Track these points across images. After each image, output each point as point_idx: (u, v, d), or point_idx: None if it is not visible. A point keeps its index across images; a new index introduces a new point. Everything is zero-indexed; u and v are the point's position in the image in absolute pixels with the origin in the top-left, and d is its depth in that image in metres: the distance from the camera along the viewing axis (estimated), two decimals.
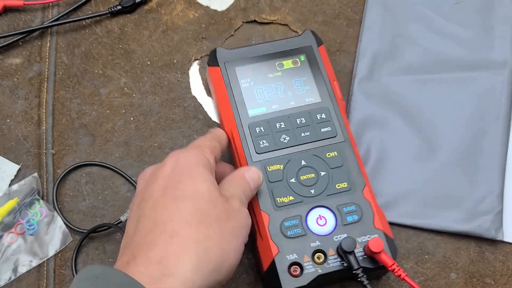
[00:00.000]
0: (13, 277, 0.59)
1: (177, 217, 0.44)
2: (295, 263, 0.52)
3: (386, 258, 0.51)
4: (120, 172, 0.63)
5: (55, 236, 0.61)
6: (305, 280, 0.52)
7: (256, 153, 0.57)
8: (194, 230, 0.44)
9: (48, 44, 0.69)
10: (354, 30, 0.69)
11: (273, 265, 0.52)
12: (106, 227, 0.60)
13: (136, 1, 0.69)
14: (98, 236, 0.61)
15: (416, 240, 0.60)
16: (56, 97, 0.66)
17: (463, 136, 0.63)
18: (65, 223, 0.61)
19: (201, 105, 0.66)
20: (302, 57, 0.61)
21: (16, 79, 0.67)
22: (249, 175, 0.52)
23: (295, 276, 0.52)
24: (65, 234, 0.61)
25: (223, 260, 0.45)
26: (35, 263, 0.60)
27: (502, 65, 0.65)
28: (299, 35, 0.63)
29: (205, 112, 0.66)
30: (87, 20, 0.70)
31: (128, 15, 0.70)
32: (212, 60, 0.61)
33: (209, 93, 0.67)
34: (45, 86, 0.67)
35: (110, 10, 0.69)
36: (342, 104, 0.60)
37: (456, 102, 0.65)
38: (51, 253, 0.60)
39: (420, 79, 0.66)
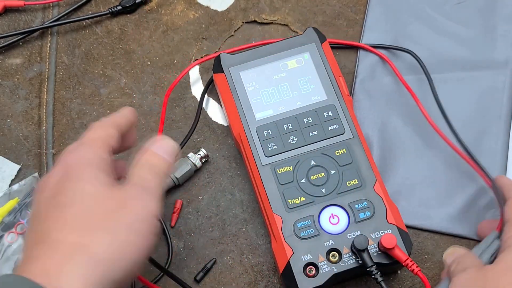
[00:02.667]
0: None
1: (61, 225, 0.40)
2: (310, 264, 0.53)
3: (399, 254, 0.51)
4: None
5: None
6: (321, 279, 0.52)
7: (265, 156, 0.57)
8: (78, 235, 0.39)
9: (49, 44, 0.69)
10: (354, 31, 0.69)
11: (288, 266, 0.53)
12: None
13: (136, 1, 0.69)
14: None
15: (416, 240, 0.60)
16: (56, 97, 0.67)
17: (464, 136, 0.63)
18: None
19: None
20: (306, 56, 0.61)
21: (16, 79, 0.67)
22: (156, 147, 0.46)
23: (311, 277, 0.52)
24: None
25: (119, 259, 0.40)
26: None
27: (504, 64, 0.65)
28: (302, 33, 0.63)
29: (205, 112, 0.66)
30: (87, 20, 0.70)
31: (128, 15, 0.70)
32: (216, 66, 0.61)
33: (209, 94, 0.67)
34: (46, 86, 0.67)
35: (110, 10, 0.69)
36: (349, 100, 0.60)
37: (457, 101, 0.65)
38: None
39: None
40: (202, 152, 0.62)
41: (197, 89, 0.67)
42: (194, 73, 0.68)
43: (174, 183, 0.62)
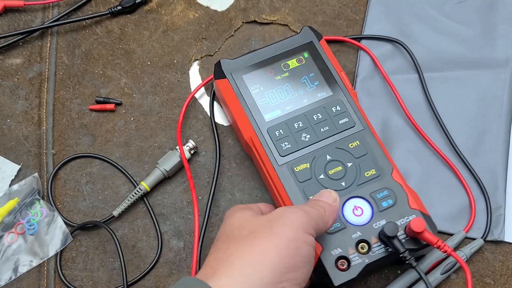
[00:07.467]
0: (13, 277, 0.59)
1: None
2: (341, 257, 0.53)
3: (429, 236, 0.51)
4: (118, 166, 0.63)
5: (56, 236, 0.61)
6: (354, 272, 0.52)
7: (280, 156, 0.57)
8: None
9: (49, 44, 0.69)
10: (354, 31, 0.69)
11: (320, 263, 0.52)
12: (92, 225, 0.61)
13: (136, 2, 0.70)
14: (99, 236, 0.61)
15: None
16: (56, 97, 0.67)
17: (465, 135, 0.63)
18: (62, 219, 0.61)
19: (201, 105, 0.66)
20: (306, 54, 0.61)
21: (16, 79, 0.67)
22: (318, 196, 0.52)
23: (344, 270, 0.52)
24: (65, 234, 0.61)
25: None
26: (35, 263, 0.60)
27: (505, 63, 0.66)
28: (298, 33, 0.63)
29: (205, 112, 0.66)
30: (87, 20, 0.70)
31: (128, 15, 0.70)
32: (218, 72, 0.61)
33: (209, 93, 0.67)
34: (46, 86, 0.67)
35: (110, 10, 0.69)
36: (354, 93, 0.60)
37: (458, 100, 0.65)
38: (52, 253, 0.60)
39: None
40: (191, 143, 0.63)
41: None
42: (194, 73, 0.68)
43: (164, 176, 0.62)
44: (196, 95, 0.66)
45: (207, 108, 0.66)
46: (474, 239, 0.59)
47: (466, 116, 0.64)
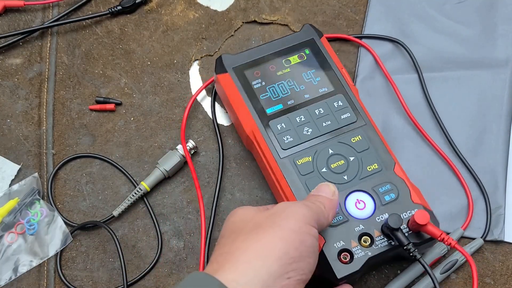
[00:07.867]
0: (13, 277, 0.59)
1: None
2: (343, 250, 0.53)
3: (433, 229, 0.51)
4: (118, 166, 0.63)
5: (56, 236, 0.61)
6: (357, 265, 0.52)
7: (282, 149, 0.57)
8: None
9: (49, 44, 0.69)
10: (354, 31, 0.69)
11: (322, 255, 0.52)
12: (92, 225, 0.61)
13: (136, 2, 0.70)
14: (99, 236, 0.61)
15: None
16: (56, 97, 0.67)
17: (465, 134, 0.63)
18: (62, 219, 0.61)
19: (201, 105, 0.66)
20: (307, 51, 0.62)
21: (16, 79, 0.67)
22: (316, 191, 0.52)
23: (346, 263, 0.52)
24: (65, 234, 0.61)
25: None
26: (35, 263, 0.60)
27: (505, 63, 0.66)
28: (299, 31, 0.63)
29: (205, 112, 0.66)
30: (87, 20, 0.70)
31: (128, 15, 0.70)
32: (219, 67, 0.61)
33: (209, 93, 0.67)
34: (46, 86, 0.67)
35: (110, 10, 0.69)
36: (355, 89, 0.61)
37: (458, 100, 0.65)
38: (52, 253, 0.60)
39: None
40: (191, 143, 0.63)
41: (197, 89, 0.67)
42: (194, 73, 0.68)
43: (164, 176, 0.62)
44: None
45: (207, 108, 0.66)
46: (474, 239, 0.59)
47: (466, 116, 0.64)
